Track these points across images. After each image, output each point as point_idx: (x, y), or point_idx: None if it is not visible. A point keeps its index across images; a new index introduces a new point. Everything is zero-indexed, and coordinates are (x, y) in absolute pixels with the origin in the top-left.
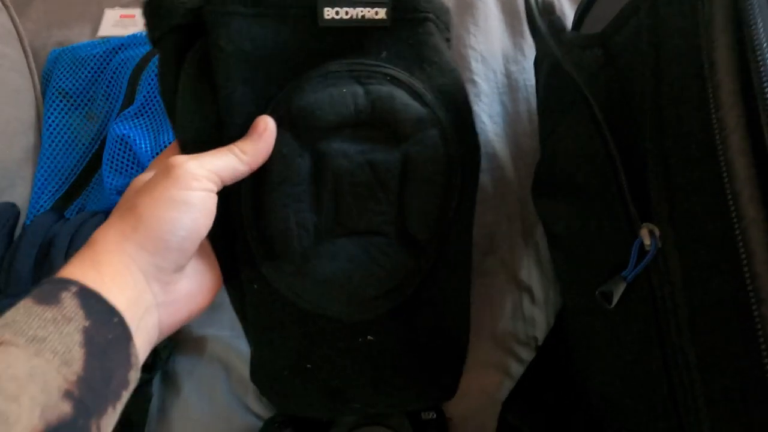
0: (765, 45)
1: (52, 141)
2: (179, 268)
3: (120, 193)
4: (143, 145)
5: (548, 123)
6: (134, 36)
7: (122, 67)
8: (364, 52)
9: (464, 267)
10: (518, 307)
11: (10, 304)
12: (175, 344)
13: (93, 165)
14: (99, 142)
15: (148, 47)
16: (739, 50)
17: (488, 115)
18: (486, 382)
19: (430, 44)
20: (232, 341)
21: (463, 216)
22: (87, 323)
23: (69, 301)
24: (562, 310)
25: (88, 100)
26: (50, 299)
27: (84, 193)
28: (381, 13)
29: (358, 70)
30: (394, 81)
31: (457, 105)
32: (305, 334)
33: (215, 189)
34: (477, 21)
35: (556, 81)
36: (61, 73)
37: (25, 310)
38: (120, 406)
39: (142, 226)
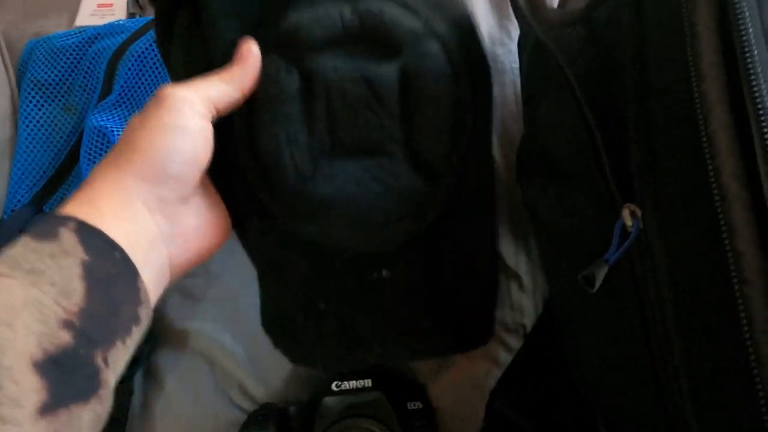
0: (747, 12)
1: (29, 134)
2: (183, 199)
3: None
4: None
5: (531, 103)
6: (111, 25)
7: (99, 57)
8: None
9: (486, 200)
10: (506, 294)
11: None
12: (156, 338)
13: (72, 158)
14: (77, 134)
15: (124, 36)
16: (721, 19)
17: None
18: (473, 370)
19: None
20: (215, 334)
21: (479, 142)
22: (87, 257)
23: (67, 237)
24: (550, 297)
25: (65, 92)
26: (48, 235)
27: (63, 186)
28: None
29: None
30: None
31: (457, 20)
32: (313, 268)
33: (209, 116)
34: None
35: (538, 60)
36: (37, 64)
37: (22, 245)
38: (131, 343)
39: (138, 157)
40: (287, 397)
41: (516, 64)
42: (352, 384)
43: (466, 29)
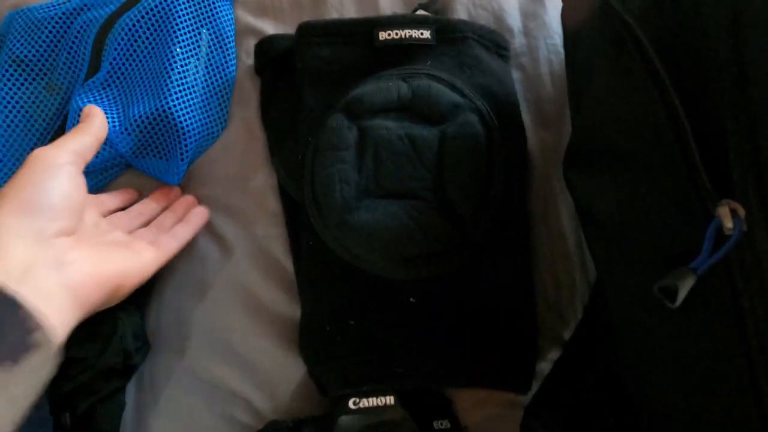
0: None
1: (8, 116)
2: (66, 233)
3: (86, 173)
4: (110, 118)
5: (580, 82)
6: None
7: (86, 30)
8: (411, 63)
9: (520, 249)
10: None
11: None
12: (150, 348)
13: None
14: (62, 116)
15: (113, 6)
16: None
17: None
18: None
19: (470, 55)
20: (215, 344)
21: (513, 199)
22: None
23: None
24: (592, 303)
25: (48, 69)
26: None
27: None
28: (426, 33)
29: (404, 72)
30: (433, 77)
31: (498, 98)
32: (348, 288)
33: (76, 163)
34: None
35: (592, 29)
36: (16, 38)
37: None
38: (28, 367)
39: (12, 192)
40: (297, 413)
41: (551, 39)
42: (372, 401)
43: (507, 106)
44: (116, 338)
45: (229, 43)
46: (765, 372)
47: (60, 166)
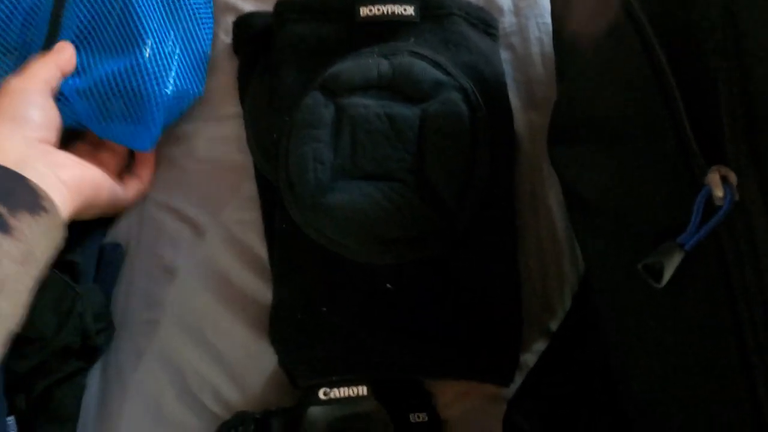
0: None
1: None
2: (48, 141)
3: None
4: (70, 81)
5: (567, 54)
6: None
7: None
8: (393, 40)
9: (507, 238)
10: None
11: None
12: (115, 330)
13: None
14: None
15: None
16: None
17: None
18: None
19: (456, 32)
20: (185, 329)
21: (498, 182)
22: None
23: None
24: (582, 291)
25: (2, 31)
26: None
27: None
28: (409, 9)
29: (385, 49)
30: (416, 55)
31: (484, 77)
32: (324, 274)
33: (44, 85)
34: None
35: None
36: None
37: None
38: (44, 224)
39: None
40: (267, 404)
41: (542, 18)
42: (344, 392)
43: (493, 85)
44: (74, 316)
45: (205, 16)
46: (757, 351)
47: (33, 90)
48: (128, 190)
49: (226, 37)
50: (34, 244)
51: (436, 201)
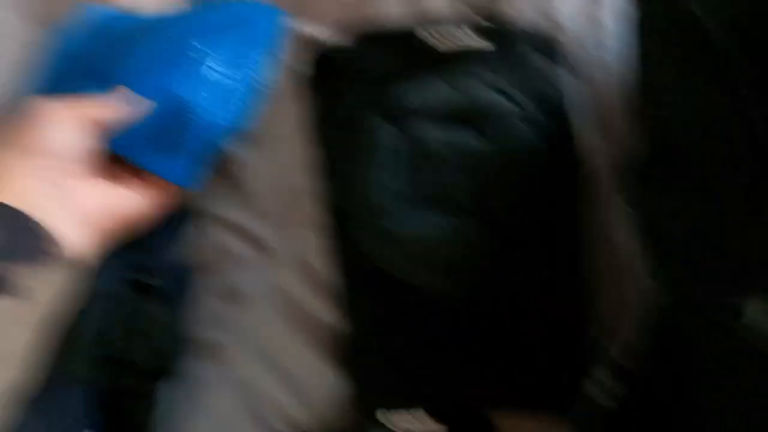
0: None
1: None
2: (70, 175)
3: None
4: None
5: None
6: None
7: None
8: (460, 68)
9: (573, 268)
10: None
11: None
12: (186, 350)
13: None
14: None
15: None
16: None
17: None
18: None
19: (526, 64)
20: (253, 350)
21: (564, 212)
22: None
23: None
24: (658, 336)
25: (91, 54)
26: None
27: None
28: (476, 38)
29: (450, 77)
30: (482, 82)
31: (550, 105)
32: (393, 301)
33: (80, 120)
34: None
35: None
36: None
37: None
38: (48, 272)
39: (15, 139)
40: (330, 423)
41: (610, 44)
42: (403, 415)
43: (559, 114)
44: (147, 336)
45: (262, 51)
46: None
47: (66, 119)
48: (154, 198)
49: (291, 62)
50: (33, 296)
51: (501, 231)
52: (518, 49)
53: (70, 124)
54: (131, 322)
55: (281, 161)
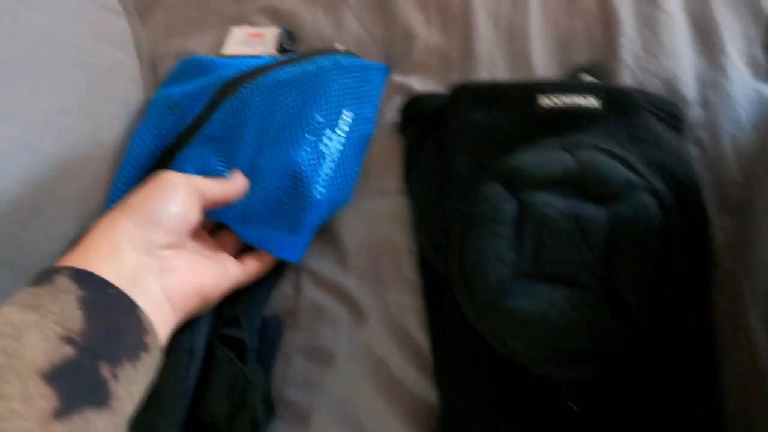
0: None
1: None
2: (173, 246)
3: None
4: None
5: None
6: (260, 59)
7: (217, 80)
8: (576, 132)
9: (705, 360)
10: None
11: None
12: (275, 415)
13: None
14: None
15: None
16: None
17: None
18: None
19: (643, 127)
20: (341, 418)
21: (694, 296)
22: (82, 293)
23: (61, 280)
24: None
25: (174, 87)
26: (43, 281)
27: None
28: (593, 101)
29: (568, 143)
30: (603, 150)
31: (676, 177)
32: (499, 382)
33: (196, 195)
34: (659, 38)
35: None
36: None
37: (21, 292)
38: (142, 368)
39: (131, 208)
40: None
41: (734, 112)
42: None
43: (687, 188)
44: (248, 405)
45: (371, 111)
46: None
47: (179, 187)
48: (246, 270)
49: (391, 115)
50: (128, 402)
51: (623, 312)
52: (635, 111)
53: (187, 200)
54: (230, 387)
55: (377, 212)
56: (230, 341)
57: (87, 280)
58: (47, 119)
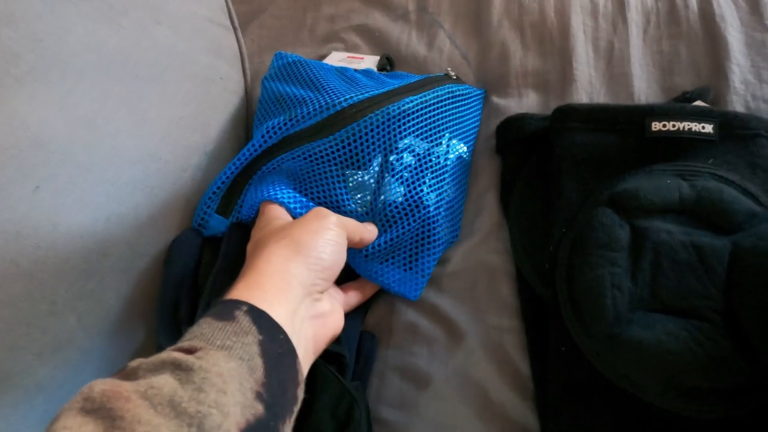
0: None
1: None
2: (325, 289)
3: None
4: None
5: None
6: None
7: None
8: (689, 158)
9: None
10: None
11: None
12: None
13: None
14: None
15: (378, 86)
16: None
17: None
18: None
19: (763, 155)
20: None
21: None
22: (261, 337)
23: (242, 318)
24: None
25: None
26: (226, 316)
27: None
28: (708, 128)
29: (683, 169)
30: (722, 179)
31: None
32: (609, 413)
33: (343, 235)
34: None
35: None
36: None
37: (207, 324)
38: (290, 424)
39: (304, 249)
40: None
41: None
42: None
43: None
44: (353, 422)
45: (473, 140)
46: None
47: (331, 225)
48: (349, 302)
49: (486, 137)
50: None
51: (747, 348)
52: (755, 140)
53: (342, 245)
54: (335, 405)
55: (474, 239)
56: (330, 357)
57: (264, 321)
58: (166, 129)
